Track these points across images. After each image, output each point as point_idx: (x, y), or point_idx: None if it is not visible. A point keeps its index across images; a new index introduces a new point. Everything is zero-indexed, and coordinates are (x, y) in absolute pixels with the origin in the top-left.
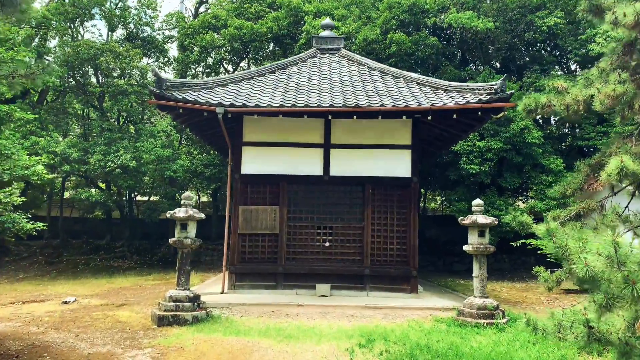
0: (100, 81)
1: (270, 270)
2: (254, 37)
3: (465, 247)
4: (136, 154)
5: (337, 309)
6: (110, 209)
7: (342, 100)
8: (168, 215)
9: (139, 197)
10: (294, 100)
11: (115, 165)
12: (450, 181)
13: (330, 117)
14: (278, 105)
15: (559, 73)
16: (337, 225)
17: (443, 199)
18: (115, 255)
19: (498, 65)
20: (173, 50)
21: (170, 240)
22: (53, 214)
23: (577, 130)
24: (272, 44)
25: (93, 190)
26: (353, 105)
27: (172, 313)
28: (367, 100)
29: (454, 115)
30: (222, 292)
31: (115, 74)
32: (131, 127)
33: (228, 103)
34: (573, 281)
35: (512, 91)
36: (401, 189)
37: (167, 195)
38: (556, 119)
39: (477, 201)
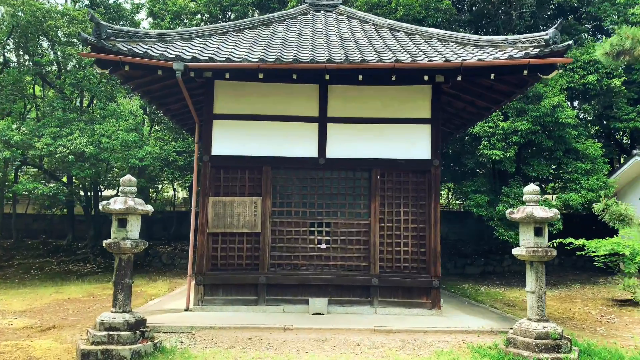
0: (58, 54)
1: (250, 281)
2: (234, 0)
3: (515, 251)
4: (95, 138)
5: (337, 333)
6: (73, 204)
7: (344, 56)
8: (100, 208)
9: (106, 192)
10: (279, 54)
11: (67, 151)
12: (462, 171)
13: (327, 77)
14: (257, 60)
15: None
16: (336, 221)
17: (451, 192)
18: (75, 257)
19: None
20: (146, 23)
21: (104, 243)
22: (7, 211)
23: (608, 110)
24: (257, 12)
25: (42, 182)
26: (358, 60)
27: (102, 347)
28: (376, 56)
29: (492, 76)
30: (187, 309)
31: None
32: (97, 110)
33: (189, 57)
34: None
35: (569, 42)
36: (418, 175)
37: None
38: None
39: (532, 187)
